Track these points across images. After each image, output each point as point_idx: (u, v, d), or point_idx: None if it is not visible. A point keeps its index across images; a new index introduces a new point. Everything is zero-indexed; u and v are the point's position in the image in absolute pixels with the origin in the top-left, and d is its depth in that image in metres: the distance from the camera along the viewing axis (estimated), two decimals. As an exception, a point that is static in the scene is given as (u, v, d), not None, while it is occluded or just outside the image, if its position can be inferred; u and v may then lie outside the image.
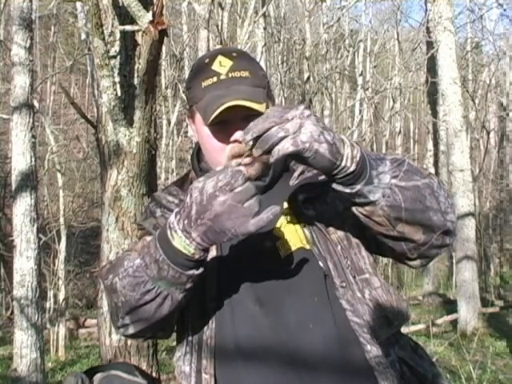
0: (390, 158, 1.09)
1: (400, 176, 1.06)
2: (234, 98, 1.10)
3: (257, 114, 1.10)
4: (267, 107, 1.15)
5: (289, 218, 1.19)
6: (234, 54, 1.18)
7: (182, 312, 1.17)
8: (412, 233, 1.09)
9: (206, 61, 1.18)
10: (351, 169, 1.01)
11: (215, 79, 1.15)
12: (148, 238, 1.14)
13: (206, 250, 1.05)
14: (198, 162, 1.28)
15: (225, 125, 1.14)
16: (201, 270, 1.07)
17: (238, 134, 1.13)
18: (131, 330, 1.15)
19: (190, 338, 1.19)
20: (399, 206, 1.05)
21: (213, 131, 1.16)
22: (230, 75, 1.15)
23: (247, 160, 1.08)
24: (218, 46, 6.50)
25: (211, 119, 1.11)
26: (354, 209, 1.09)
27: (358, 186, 1.03)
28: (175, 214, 1.05)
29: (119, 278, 1.11)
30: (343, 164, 1.00)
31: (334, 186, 1.05)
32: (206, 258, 1.07)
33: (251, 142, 0.99)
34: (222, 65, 1.16)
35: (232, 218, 0.99)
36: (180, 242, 1.03)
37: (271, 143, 0.97)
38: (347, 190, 1.04)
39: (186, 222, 1.02)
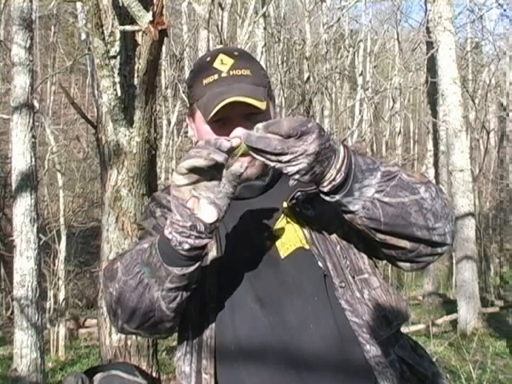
0: (383, 169, 1.07)
1: (385, 191, 1.05)
2: (234, 95, 1.10)
3: (257, 112, 1.11)
4: (267, 106, 1.15)
5: (288, 218, 1.19)
6: (236, 53, 1.19)
7: (183, 312, 1.17)
8: (394, 241, 1.09)
9: (208, 59, 1.18)
10: (324, 189, 1.04)
11: (216, 77, 1.15)
12: None
13: (196, 248, 1.02)
14: None
15: (225, 122, 1.14)
16: (183, 271, 1.03)
17: (238, 131, 1.13)
18: (120, 322, 1.13)
19: (190, 338, 1.19)
20: (378, 219, 1.05)
21: (213, 128, 1.16)
22: (231, 73, 1.15)
23: (246, 159, 1.07)
24: (218, 46, 6.50)
25: (212, 115, 1.11)
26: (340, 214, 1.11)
27: (337, 197, 1.04)
28: None
29: (121, 262, 1.11)
30: (320, 184, 1.04)
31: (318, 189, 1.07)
32: (194, 263, 1.04)
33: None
34: (223, 63, 1.16)
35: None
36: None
37: (264, 158, 1.00)
38: (327, 198, 1.05)
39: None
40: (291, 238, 1.18)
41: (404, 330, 1.26)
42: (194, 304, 1.16)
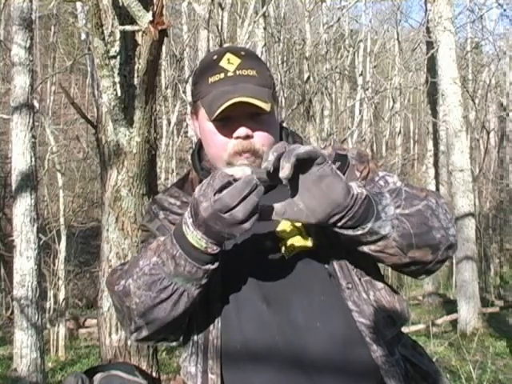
0: (386, 189, 1.12)
1: (402, 205, 1.09)
2: (240, 95, 1.10)
3: (261, 112, 1.12)
4: (272, 108, 1.16)
5: None
6: (243, 53, 1.19)
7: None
8: (422, 256, 1.11)
9: (214, 57, 1.18)
10: (364, 194, 1.03)
11: (222, 75, 1.15)
12: (161, 238, 1.14)
13: (220, 245, 1.06)
14: (199, 161, 1.28)
15: (228, 121, 1.14)
16: (216, 264, 1.08)
17: (241, 131, 1.13)
18: (145, 333, 1.14)
19: (195, 339, 1.19)
20: (409, 233, 1.08)
21: (216, 127, 1.16)
22: (237, 73, 1.15)
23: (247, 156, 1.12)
24: (218, 47, 6.50)
25: (216, 114, 1.11)
26: (365, 248, 1.09)
27: (369, 225, 1.05)
28: (188, 209, 1.06)
29: (133, 279, 1.11)
30: (355, 192, 1.02)
31: (344, 232, 1.05)
32: (219, 253, 1.07)
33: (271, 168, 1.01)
34: (230, 62, 1.16)
35: (218, 223, 1.00)
36: (192, 236, 1.04)
37: (295, 153, 0.98)
38: (359, 232, 1.05)
39: (191, 220, 1.04)
40: (295, 239, 1.17)
41: (404, 330, 1.27)
42: (199, 304, 1.16)
